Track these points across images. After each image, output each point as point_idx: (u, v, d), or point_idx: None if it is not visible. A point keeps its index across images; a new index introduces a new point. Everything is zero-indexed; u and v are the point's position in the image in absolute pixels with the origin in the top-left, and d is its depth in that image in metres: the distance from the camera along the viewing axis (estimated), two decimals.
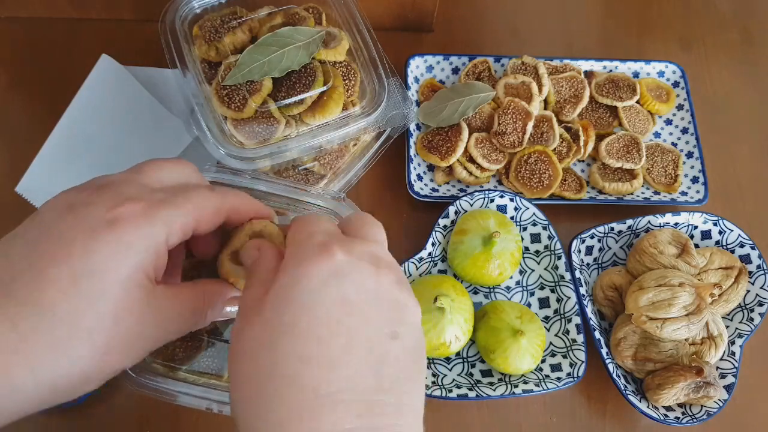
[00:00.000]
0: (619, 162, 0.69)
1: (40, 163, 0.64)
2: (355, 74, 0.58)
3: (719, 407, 0.56)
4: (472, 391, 0.57)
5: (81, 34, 0.74)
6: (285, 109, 0.55)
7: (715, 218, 0.63)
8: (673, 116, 0.74)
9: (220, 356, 0.51)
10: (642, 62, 0.75)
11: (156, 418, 0.56)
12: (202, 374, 0.50)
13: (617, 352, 0.58)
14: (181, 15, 0.60)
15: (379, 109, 0.56)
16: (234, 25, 0.58)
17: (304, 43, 0.55)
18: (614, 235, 0.64)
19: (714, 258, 0.61)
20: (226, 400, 0.48)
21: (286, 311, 0.30)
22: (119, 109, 0.67)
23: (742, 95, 0.77)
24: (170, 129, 0.67)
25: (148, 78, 0.69)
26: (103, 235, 0.30)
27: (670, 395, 0.55)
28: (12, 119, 0.70)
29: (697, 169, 0.70)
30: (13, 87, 0.71)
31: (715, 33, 0.82)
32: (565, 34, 0.81)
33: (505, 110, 0.67)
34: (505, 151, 0.68)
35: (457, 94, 0.68)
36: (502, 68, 0.74)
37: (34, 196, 0.63)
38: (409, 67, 0.72)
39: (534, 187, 0.66)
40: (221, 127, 0.55)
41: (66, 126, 0.65)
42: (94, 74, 0.67)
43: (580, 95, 0.70)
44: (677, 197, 0.68)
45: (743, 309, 0.61)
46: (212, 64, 0.58)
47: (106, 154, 0.65)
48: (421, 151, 0.68)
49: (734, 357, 0.59)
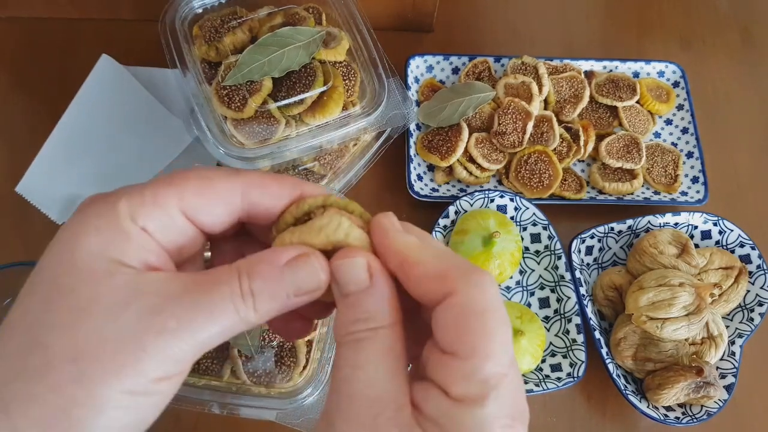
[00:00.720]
0: (619, 162, 0.69)
1: (39, 164, 0.64)
2: (355, 74, 0.58)
3: (719, 407, 0.56)
4: None
5: (81, 34, 0.74)
6: (285, 109, 0.55)
7: (715, 218, 0.63)
8: (673, 116, 0.74)
9: (219, 357, 0.51)
10: (642, 62, 0.75)
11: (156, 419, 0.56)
12: (203, 375, 0.50)
13: (617, 352, 0.58)
14: (181, 15, 0.60)
15: (379, 109, 0.56)
16: (234, 25, 0.58)
17: (304, 43, 0.55)
18: (614, 235, 0.64)
19: (714, 258, 0.61)
20: (227, 401, 0.48)
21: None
22: (119, 109, 0.67)
23: (742, 95, 0.77)
24: (170, 129, 0.66)
25: (148, 78, 0.69)
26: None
27: (671, 395, 0.55)
28: (12, 119, 0.70)
29: (697, 169, 0.69)
30: (13, 87, 0.71)
31: (715, 33, 0.82)
32: (565, 34, 0.81)
33: (505, 110, 0.67)
34: (505, 151, 0.68)
35: (457, 94, 0.68)
36: (502, 68, 0.74)
37: (33, 196, 0.63)
38: (409, 67, 0.72)
39: (534, 187, 0.66)
40: (221, 127, 0.55)
41: (66, 126, 0.65)
42: (94, 74, 0.67)
43: (580, 95, 0.70)
44: (677, 197, 0.68)
45: (743, 309, 0.61)
46: (212, 64, 0.58)
47: (105, 155, 0.65)
48: (421, 151, 0.68)
49: (734, 357, 0.59)
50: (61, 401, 0.21)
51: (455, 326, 0.23)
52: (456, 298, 0.23)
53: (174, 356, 0.22)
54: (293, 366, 0.51)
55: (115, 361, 0.22)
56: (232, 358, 0.51)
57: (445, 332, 0.23)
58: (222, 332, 0.23)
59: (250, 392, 0.50)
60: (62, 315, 0.22)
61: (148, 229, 0.24)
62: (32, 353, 0.22)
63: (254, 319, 0.23)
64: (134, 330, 0.22)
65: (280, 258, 0.24)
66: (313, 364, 0.51)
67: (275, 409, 0.48)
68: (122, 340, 0.22)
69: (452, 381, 0.22)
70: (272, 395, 0.50)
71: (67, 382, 0.21)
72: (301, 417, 0.49)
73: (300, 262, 0.24)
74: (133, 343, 0.22)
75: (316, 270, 0.24)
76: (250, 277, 0.23)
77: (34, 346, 0.22)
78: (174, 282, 0.23)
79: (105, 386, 0.22)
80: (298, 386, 0.51)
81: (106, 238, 0.23)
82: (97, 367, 0.22)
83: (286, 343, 0.51)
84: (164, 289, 0.23)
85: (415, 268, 0.24)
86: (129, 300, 0.22)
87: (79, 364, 0.22)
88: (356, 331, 0.24)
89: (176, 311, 0.22)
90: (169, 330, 0.22)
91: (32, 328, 0.22)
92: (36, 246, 0.63)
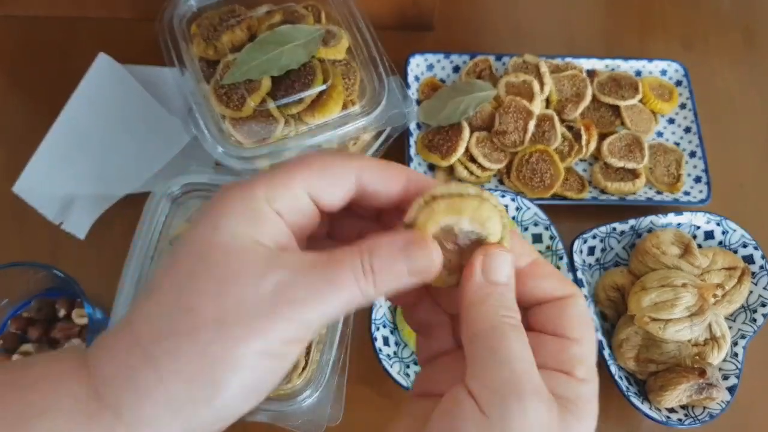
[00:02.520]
0: (621, 161, 0.68)
1: (36, 163, 0.64)
2: (355, 73, 0.58)
3: (722, 408, 0.56)
4: None
5: (78, 33, 0.74)
6: (284, 108, 0.55)
7: (718, 218, 0.63)
8: (675, 115, 0.73)
9: None
10: (644, 61, 0.74)
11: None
12: None
13: (619, 353, 0.58)
14: (180, 13, 0.59)
15: (378, 108, 0.56)
16: (232, 23, 0.57)
17: (303, 42, 0.55)
18: (616, 235, 0.64)
19: (717, 258, 0.60)
20: None
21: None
22: (117, 108, 0.67)
23: (745, 94, 0.77)
24: (168, 128, 0.66)
25: (145, 77, 0.68)
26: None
27: (673, 397, 0.55)
28: (8, 118, 0.69)
29: (700, 168, 0.69)
30: (9, 86, 0.71)
31: (718, 32, 0.81)
32: (567, 33, 0.80)
33: (506, 109, 0.67)
34: (506, 150, 0.67)
35: (458, 93, 0.67)
36: (503, 67, 0.73)
37: (30, 195, 0.63)
38: (409, 65, 0.72)
39: (535, 187, 0.66)
40: (219, 126, 0.54)
41: (63, 125, 0.65)
42: (91, 73, 0.67)
43: (582, 94, 0.70)
44: (680, 197, 0.68)
45: (746, 310, 0.61)
46: (210, 63, 0.58)
47: (103, 154, 0.65)
48: (422, 150, 0.67)
49: (737, 358, 0.59)
50: (205, 359, 0.24)
51: (578, 320, 0.28)
52: (578, 299, 0.28)
53: (303, 322, 0.25)
54: (292, 368, 0.51)
55: (253, 324, 0.25)
56: None
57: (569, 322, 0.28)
58: (345, 304, 0.26)
59: None
60: (208, 284, 0.25)
61: (280, 211, 0.27)
62: (182, 316, 0.25)
63: (373, 294, 0.26)
64: (270, 298, 0.25)
65: (399, 241, 0.27)
66: (312, 366, 0.51)
67: (274, 411, 0.48)
68: (260, 307, 0.25)
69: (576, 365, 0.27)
70: (271, 397, 0.50)
71: (211, 342, 0.25)
72: (299, 419, 0.49)
73: (417, 245, 0.27)
74: (269, 309, 0.25)
75: (431, 252, 0.27)
76: (372, 256, 0.26)
77: (184, 310, 0.25)
78: (303, 259, 0.26)
79: (244, 346, 0.24)
80: (296, 388, 0.50)
81: (245, 220, 0.26)
82: (238, 329, 0.25)
83: None
84: (295, 265, 0.26)
85: (544, 267, 0.29)
86: (265, 273, 0.25)
87: (222, 326, 0.25)
88: (509, 316, 0.27)
89: (305, 284, 0.25)
90: (299, 300, 0.25)
91: (181, 294, 0.26)
92: (33, 246, 0.63)
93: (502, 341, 0.26)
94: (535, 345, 0.27)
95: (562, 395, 0.26)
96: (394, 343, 0.59)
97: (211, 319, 0.25)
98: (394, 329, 0.60)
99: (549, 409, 0.25)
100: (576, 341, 0.27)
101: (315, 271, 0.26)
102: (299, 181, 0.27)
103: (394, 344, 0.59)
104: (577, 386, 0.27)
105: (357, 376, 0.56)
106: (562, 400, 0.26)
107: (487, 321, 0.27)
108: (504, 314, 0.27)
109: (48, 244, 0.62)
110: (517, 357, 0.26)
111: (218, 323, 0.25)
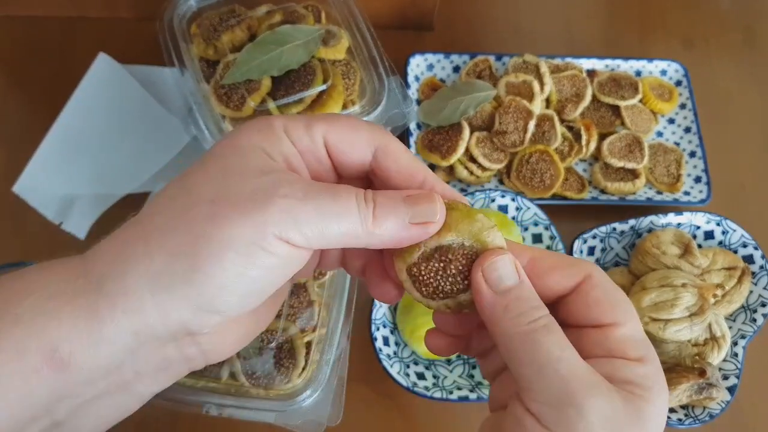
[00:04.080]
0: (621, 161, 0.68)
1: (37, 163, 0.64)
2: (355, 73, 0.58)
3: (722, 408, 0.56)
4: (473, 392, 0.56)
5: (78, 33, 0.74)
6: (284, 108, 0.55)
7: (718, 218, 0.63)
8: (675, 115, 0.73)
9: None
10: (644, 61, 0.74)
11: (154, 421, 0.56)
12: (201, 377, 0.50)
13: None
14: (180, 13, 0.59)
15: (378, 108, 0.56)
16: (232, 23, 0.57)
17: (303, 42, 0.55)
18: (616, 235, 0.64)
19: (717, 258, 0.60)
20: (225, 403, 0.48)
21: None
22: (117, 108, 0.67)
23: (745, 94, 0.77)
24: (168, 128, 0.66)
25: (145, 77, 0.68)
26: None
27: (673, 397, 0.55)
28: (9, 119, 0.69)
29: (700, 168, 0.69)
30: (9, 86, 0.71)
31: (718, 32, 0.81)
32: (566, 33, 0.80)
33: (506, 109, 0.67)
34: (506, 150, 0.67)
35: (458, 93, 0.67)
36: (503, 67, 0.73)
37: (30, 195, 0.62)
38: (409, 65, 0.72)
39: (535, 187, 0.66)
40: (219, 126, 0.54)
41: (63, 125, 0.65)
42: (91, 73, 0.67)
43: (582, 94, 0.70)
44: (680, 197, 0.68)
45: (746, 310, 0.61)
46: (210, 63, 0.58)
47: (103, 154, 0.65)
48: (422, 150, 0.67)
49: (737, 358, 0.59)
50: (191, 236, 0.25)
51: (605, 302, 0.27)
52: (592, 279, 0.27)
53: (298, 223, 0.25)
54: (292, 368, 0.50)
55: (245, 206, 0.25)
56: (231, 360, 0.50)
57: (597, 308, 0.26)
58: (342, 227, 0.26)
59: (249, 394, 0.50)
60: (211, 172, 0.27)
61: (295, 143, 0.28)
62: (179, 196, 0.26)
63: (370, 225, 0.26)
64: (266, 189, 0.25)
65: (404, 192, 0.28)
66: (312, 366, 0.51)
67: (274, 411, 0.48)
68: (255, 193, 0.25)
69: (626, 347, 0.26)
70: (271, 397, 0.50)
71: (202, 218, 0.25)
72: (300, 419, 0.49)
73: (421, 197, 0.27)
74: (262, 196, 0.25)
75: (435, 204, 0.27)
76: (376, 193, 0.27)
77: (183, 192, 0.26)
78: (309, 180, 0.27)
79: (232, 225, 0.25)
80: (297, 388, 0.50)
81: (261, 137, 0.27)
82: (229, 208, 0.25)
83: (285, 345, 0.51)
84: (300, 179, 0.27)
85: (548, 259, 0.28)
86: (269, 171, 0.26)
87: (215, 204, 0.25)
88: (539, 317, 0.26)
89: (307, 188, 0.26)
90: (297, 197, 0.25)
91: (185, 181, 0.27)
92: (33, 246, 0.63)
93: (538, 350, 0.25)
94: (575, 339, 0.26)
95: (624, 379, 0.25)
96: (394, 343, 0.59)
97: (207, 199, 0.25)
98: (394, 329, 0.60)
99: (609, 401, 0.24)
100: (614, 326, 0.26)
101: (319, 185, 0.27)
102: (321, 128, 0.28)
103: (394, 344, 0.59)
104: (635, 367, 0.25)
105: (357, 376, 0.56)
106: (625, 385, 0.25)
107: (515, 336, 0.26)
108: (529, 320, 0.26)
109: (48, 244, 0.62)
110: (557, 358, 0.24)
111: (212, 203, 0.25)
